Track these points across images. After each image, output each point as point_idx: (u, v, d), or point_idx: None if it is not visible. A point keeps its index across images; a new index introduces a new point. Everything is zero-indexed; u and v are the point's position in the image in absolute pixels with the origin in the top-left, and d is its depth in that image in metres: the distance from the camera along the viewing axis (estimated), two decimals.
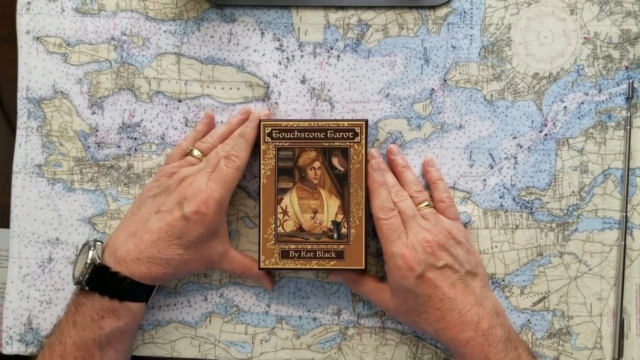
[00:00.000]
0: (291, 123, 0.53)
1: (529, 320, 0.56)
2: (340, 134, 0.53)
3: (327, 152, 0.53)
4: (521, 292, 0.56)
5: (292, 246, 0.54)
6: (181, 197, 0.51)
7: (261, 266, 0.54)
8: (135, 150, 0.57)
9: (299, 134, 0.53)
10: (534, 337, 0.56)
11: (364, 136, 0.53)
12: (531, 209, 0.56)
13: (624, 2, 0.56)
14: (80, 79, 0.57)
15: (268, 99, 0.57)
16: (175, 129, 0.57)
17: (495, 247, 0.57)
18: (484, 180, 0.57)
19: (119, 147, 0.57)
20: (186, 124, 0.57)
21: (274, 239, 0.54)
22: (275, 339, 0.57)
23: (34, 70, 0.57)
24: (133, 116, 0.57)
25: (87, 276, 0.50)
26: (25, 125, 0.57)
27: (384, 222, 0.51)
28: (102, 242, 0.53)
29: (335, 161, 0.53)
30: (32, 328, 0.57)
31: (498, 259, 0.56)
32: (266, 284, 0.56)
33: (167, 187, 0.52)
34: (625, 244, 0.56)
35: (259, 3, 0.57)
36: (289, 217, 0.53)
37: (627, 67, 0.56)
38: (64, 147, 0.57)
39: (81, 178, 0.57)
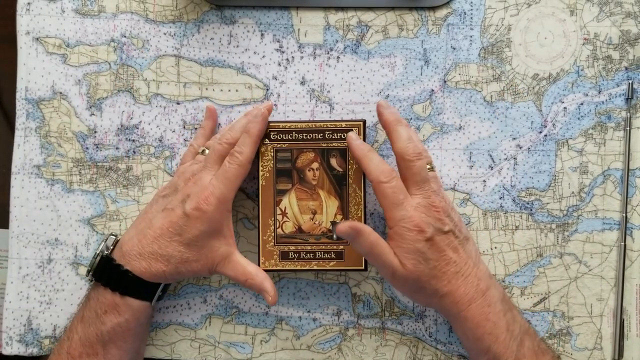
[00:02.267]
0: (289, 124, 0.53)
1: (529, 321, 0.56)
2: (339, 134, 0.53)
3: (326, 153, 0.53)
4: (521, 293, 0.56)
5: (292, 247, 0.53)
6: (185, 194, 0.51)
7: (261, 267, 0.53)
8: (134, 152, 0.57)
9: (297, 135, 0.53)
10: None
11: (362, 136, 0.53)
12: (531, 210, 0.56)
13: (624, 2, 0.56)
14: (79, 80, 0.57)
15: (267, 101, 0.57)
16: (174, 131, 0.57)
17: (495, 248, 0.57)
18: (484, 181, 0.57)
19: (117, 148, 0.57)
20: (184, 127, 0.57)
21: (273, 240, 0.54)
22: (275, 339, 0.57)
23: (33, 71, 0.57)
24: (131, 118, 0.57)
25: (94, 267, 0.51)
26: (24, 125, 0.57)
27: (387, 186, 0.49)
28: (116, 236, 0.54)
29: (333, 162, 0.53)
30: (31, 328, 0.57)
31: (498, 259, 0.56)
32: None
33: (176, 186, 0.53)
34: (625, 245, 0.56)
35: (259, 4, 0.56)
36: (288, 218, 0.53)
37: (626, 68, 0.56)
38: (63, 148, 0.57)
39: (80, 179, 0.57)
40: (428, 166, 0.51)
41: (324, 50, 0.57)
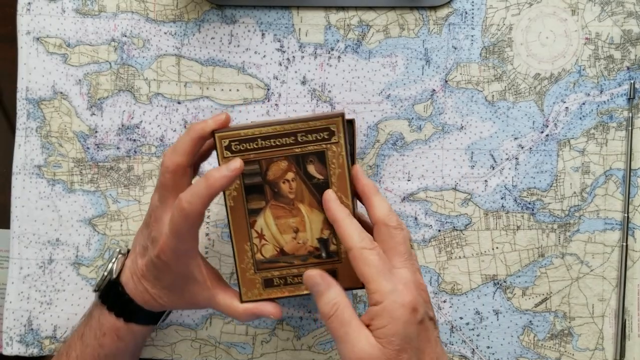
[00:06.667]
0: (252, 130, 0.44)
1: (530, 321, 0.56)
2: (313, 135, 0.45)
3: (301, 159, 0.45)
4: (523, 293, 0.56)
5: (276, 273, 0.47)
6: (151, 236, 0.46)
7: (243, 299, 0.47)
8: (135, 152, 0.57)
9: (263, 142, 0.45)
10: (536, 338, 0.56)
11: (342, 134, 0.45)
12: (532, 210, 0.56)
13: (626, 2, 0.56)
14: (79, 80, 0.57)
15: (268, 101, 0.57)
16: (174, 130, 0.57)
17: (497, 248, 0.56)
18: (485, 181, 0.56)
19: (118, 148, 0.57)
20: (185, 126, 0.57)
21: (253, 267, 0.46)
22: (275, 339, 0.57)
23: (34, 71, 0.57)
24: (132, 118, 0.57)
25: (102, 287, 0.49)
26: (25, 125, 0.57)
27: (372, 252, 0.41)
28: (125, 255, 0.51)
29: (311, 169, 0.45)
30: (32, 329, 0.57)
31: (499, 260, 0.56)
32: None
33: (147, 222, 0.48)
34: (627, 245, 0.55)
35: (260, 3, 0.56)
36: (266, 240, 0.46)
37: (628, 68, 0.56)
38: (64, 148, 0.57)
39: (81, 179, 0.57)
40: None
41: (325, 49, 0.57)
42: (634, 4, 0.56)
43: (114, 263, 0.50)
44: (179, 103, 0.57)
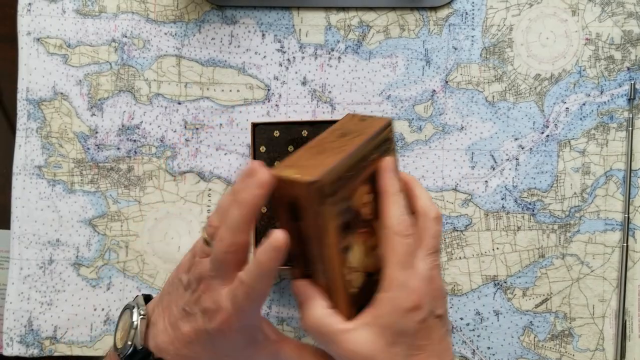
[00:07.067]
0: (338, 167, 0.38)
1: (531, 322, 0.56)
2: (378, 150, 0.42)
3: (372, 177, 0.41)
4: (523, 293, 0.56)
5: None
6: (202, 306, 0.41)
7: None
8: (135, 152, 0.57)
9: (347, 175, 0.39)
10: (536, 339, 0.56)
11: (393, 139, 0.43)
12: (533, 211, 0.56)
13: (626, 3, 0.56)
14: (80, 80, 0.57)
15: (268, 101, 0.57)
16: (175, 131, 0.57)
17: (497, 248, 0.56)
18: (486, 181, 0.56)
19: (118, 149, 0.57)
20: (185, 127, 0.57)
21: (354, 308, 0.41)
22: None
23: (34, 72, 0.57)
24: (132, 118, 0.57)
25: (129, 352, 0.42)
26: (25, 126, 0.57)
27: (402, 241, 0.40)
28: (144, 315, 0.44)
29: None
30: (32, 329, 0.57)
31: (500, 260, 0.56)
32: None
33: (189, 283, 0.42)
34: (627, 246, 0.55)
35: (260, 4, 0.56)
36: (356, 270, 0.41)
37: (629, 68, 0.56)
38: (64, 148, 0.57)
39: (81, 180, 0.57)
40: None
41: (325, 50, 0.57)
42: (634, 5, 0.56)
43: (135, 328, 0.43)
44: (179, 103, 0.57)
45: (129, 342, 0.42)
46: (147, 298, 0.46)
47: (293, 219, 0.39)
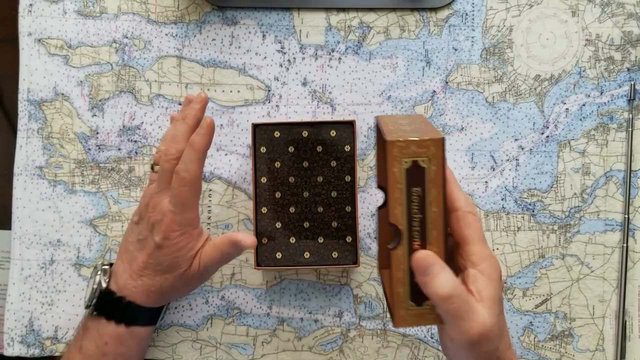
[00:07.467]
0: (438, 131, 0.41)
1: (531, 322, 0.56)
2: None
3: None
4: (523, 294, 0.56)
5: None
6: (150, 224, 0.48)
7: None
8: (136, 153, 0.57)
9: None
10: (536, 339, 0.56)
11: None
12: (533, 211, 0.56)
13: (626, 3, 0.56)
14: (81, 81, 0.57)
15: (269, 102, 0.57)
16: None
17: (497, 249, 0.56)
18: (486, 182, 0.56)
19: (119, 149, 0.57)
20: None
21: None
22: (276, 340, 0.57)
23: (35, 72, 0.57)
24: (133, 119, 0.57)
25: (94, 300, 0.50)
26: (26, 127, 0.57)
27: (476, 218, 0.42)
28: (110, 266, 0.52)
29: None
30: (33, 330, 0.57)
31: (500, 261, 0.56)
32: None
33: (141, 212, 0.50)
34: (627, 246, 0.55)
35: (261, 5, 0.57)
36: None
37: (628, 69, 0.56)
38: (65, 149, 0.57)
39: (82, 180, 0.57)
40: None
41: (326, 51, 0.57)
42: (634, 6, 0.56)
43: (99, 275, 0.51)
44: (180, 104, 0.57)
45: (94, 286, 0.50)
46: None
47: (414, 183, 0.40)
